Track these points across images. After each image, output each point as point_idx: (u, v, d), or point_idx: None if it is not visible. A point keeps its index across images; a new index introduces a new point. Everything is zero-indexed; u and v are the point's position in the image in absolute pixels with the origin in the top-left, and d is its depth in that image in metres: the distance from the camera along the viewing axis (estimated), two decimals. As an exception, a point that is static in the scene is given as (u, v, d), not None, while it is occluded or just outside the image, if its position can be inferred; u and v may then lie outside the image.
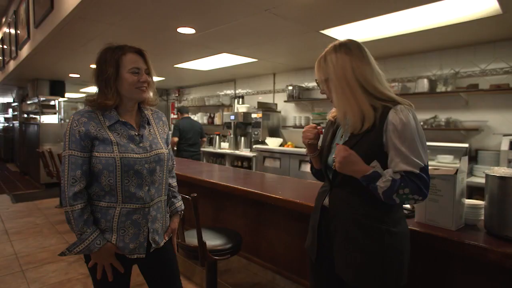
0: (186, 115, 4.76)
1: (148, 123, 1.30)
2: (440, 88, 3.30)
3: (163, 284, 1.36)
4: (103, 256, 1.18)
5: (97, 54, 1.22)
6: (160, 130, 1.35)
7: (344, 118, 1.08)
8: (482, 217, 1.27)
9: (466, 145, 3.13)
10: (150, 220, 1.24)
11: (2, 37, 6.47)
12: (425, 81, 3.38)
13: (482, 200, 1.31)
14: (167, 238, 1.35)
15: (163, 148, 1.30)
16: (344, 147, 1.05)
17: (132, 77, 1.18)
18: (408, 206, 1.50)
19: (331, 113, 1.24)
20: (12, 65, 5.61)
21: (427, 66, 3.58)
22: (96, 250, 1.15)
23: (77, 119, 1.15)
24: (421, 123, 3.43)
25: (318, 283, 1.25)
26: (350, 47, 1.08)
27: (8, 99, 10.35)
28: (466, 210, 1.31)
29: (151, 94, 1.28)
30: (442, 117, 3.37)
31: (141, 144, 1.22)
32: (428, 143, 3.49)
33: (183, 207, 1.48)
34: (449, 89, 3.24)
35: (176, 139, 4.49)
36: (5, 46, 6.21)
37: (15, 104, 8.90)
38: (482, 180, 2.58)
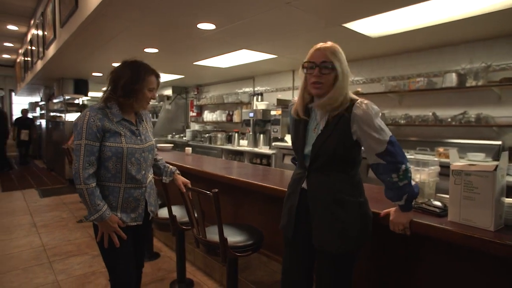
0: None
1: (142, 120, 1.64)
2: (470, 82, 3.14)
3: (143, 245, 1.75)
4: (108, 225, 1.45)
5: (125, 66, 1.52)
6: (149, 125, 1.71)
7: (334, 102, 1.27)
8: (525, 217, 1.18)
9: (499, 142, 2.96)
10: (147, 196, 1.60)
11: (30, 39, 6.74)
12: (454, 75, 3.22)
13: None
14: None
15: (152, 140, 1.68)
16: (401, 221, 1.30)
17: (147, 94, 1.54)
18: (439, 203, 1.42)
19: (293, 109, 1.41)
20: (39, 64, 5.83)
21: (456, 60, 3.40)
22: (106, 219, 1.43)
23: (93, 115, 1.43)
24: (449, 120, 3.29)
25: (293, 257, 1.46)
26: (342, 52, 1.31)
27: (36, 98, 10.78)
28: (506, 209, 1.22)
29: None
30: (472, 113, 3.20)
31: (139, 137, 1.56)
32: (457, 141, 3.34)
33: (175, 168, 1.91)
34: (480, 83, 3.07)
35: None
36: (33, 48, 6.46)
37: (42, 103, 9.26)
38: (518, 179, 2.42)
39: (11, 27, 6.75)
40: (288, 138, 4.62)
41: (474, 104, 3.27)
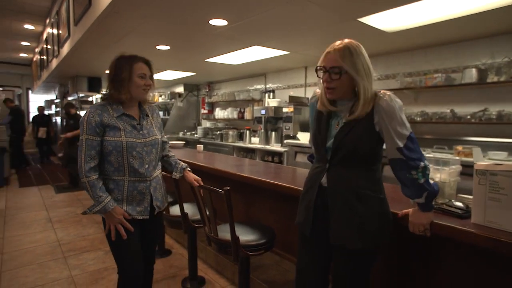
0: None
1: (147, 115, 1.65)
2: (492, 78, 3.01)
3: (152, 241, 1.75)
4: (114, 217, 1.48)
5: (112, 61, 1.55)
6: (155, 120, 1.71)
7: (367, 108, 1.22)
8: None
9: (522, 140, 2.84)
10: (152, 190, 1.61)
11: (46, 37, 6.86)
12: (474, 71, 3.10)
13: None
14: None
15: (157, 134, 1.67)
16: (423, 222, 1.24)
17: (139, 81, 1.53)
18: (461, 204, 1.36)
19: (318, 104, 1.36)
20: (54, 63, 5.93)
21: (476, 55, 3.28)
22: (109, 210, 1.47)
23: (93, 111, 1.48)
24: (468, 117, 3.18)
25: (309, 255, 1.42)
26: (363, 50, 1.27)
27: (51, 96, 11.02)
28: (536, 211, 1.14)
29: (151, 94, 1.65)
30: (493, 110, 3.07)
31: (141, 132, 1.58)
32: (477, 139, 3.22)
33: (185, 165, 1.89)
34: (502, 79, 2.94)
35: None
36: (48, 46, 6.58)
37: (58, 100, 9.45)
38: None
39: (28, 26, 6.88)
40: (300, 135, 4.57)
41: (496, 100, 3.13)
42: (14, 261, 2.83)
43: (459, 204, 1.36)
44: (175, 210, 2.25)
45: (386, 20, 2.86)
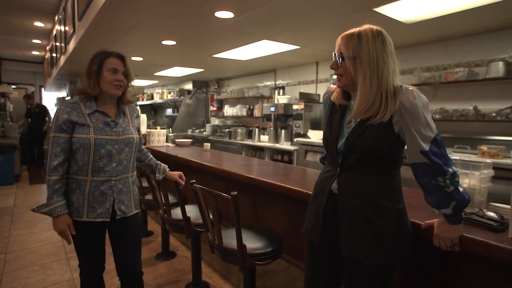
0: None
1: (124, 114, 1.61)
2: (520, 72, 2.78)
3: (125, 249, 1.63)
4: (56, 224, 1.44)
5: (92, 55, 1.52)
6: (134, 120, 1.66)
7: (365, 103, 1.08)
8: None
9: (554, 140, 2.61)
10: (115, 191, 1.53)
11: (55, 35, 6.85)
12: (500, 64, 2.87)
13: None
14: (134, 210, 1.62)
15: (134, 134, 1.61)
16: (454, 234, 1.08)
17: (110, 76, 1.48)
18: (494, 215, 1.19)
19: (333, 94, 1.24)
20: (62, 60, 5.91)
21: (502, 47, 3.04)
22: (55, 216, 1.42)
23: (62, 109, 1.46)
24: (493, 114, 2.96)
25: (318, 266, 1.30)
26: (385, 40, 1.09)
27: (63, 93, 11.11)
28: None
29: (128, 95, 1.61)
30: (521, 106, 2.84)
31: (114, 129, 1.52)
32: (502, 138, 2.98)
33: (166, 166, 1.91)
34: (532, 73, 2.71)
35: None
36: (57, 43, 6.56)
37: (68, 98, 9.51)
38: None
39: (38, 23, 6.88)
40: (311, 134, 4.39)
41: (524, 96, 2.90)
42: (18, 262, 2.78)
43: (492, 214, 1.20)
44: (177, 213, 2.13)
45: (404, 10, 2.66)
